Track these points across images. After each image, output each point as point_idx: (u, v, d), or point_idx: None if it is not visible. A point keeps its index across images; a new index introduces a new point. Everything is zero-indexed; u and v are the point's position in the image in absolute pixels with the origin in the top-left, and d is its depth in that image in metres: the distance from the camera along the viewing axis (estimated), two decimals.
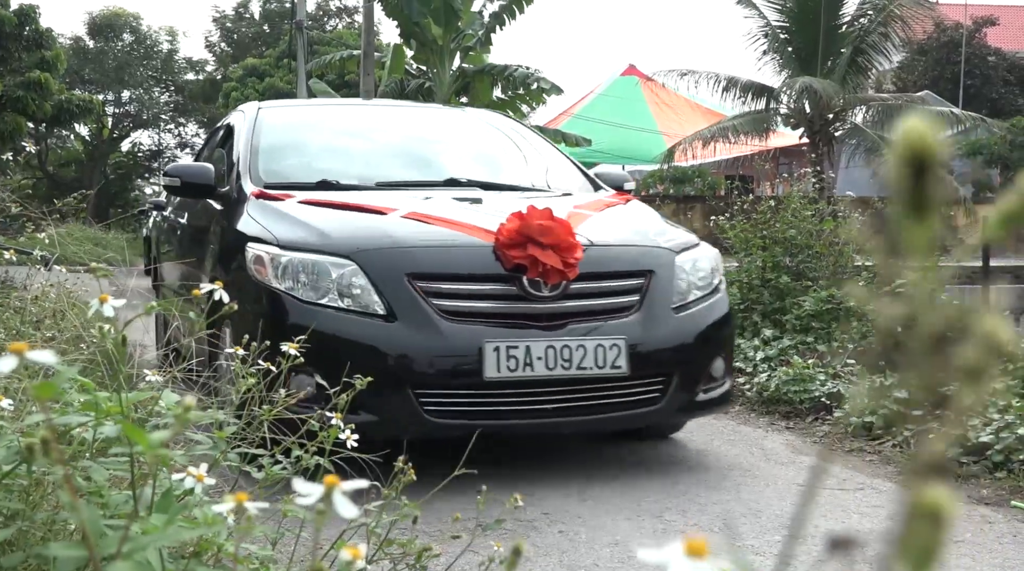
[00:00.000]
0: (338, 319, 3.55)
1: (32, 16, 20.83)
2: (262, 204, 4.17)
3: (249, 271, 3.78)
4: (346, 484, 0.72)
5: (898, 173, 0.26)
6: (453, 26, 14.91)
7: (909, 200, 0.26)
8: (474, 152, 5.36)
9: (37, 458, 0.73)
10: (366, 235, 3.79)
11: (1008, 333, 0.25)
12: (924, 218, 0.26)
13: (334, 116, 5.71)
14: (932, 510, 0.24)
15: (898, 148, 0.25)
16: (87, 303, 1.68)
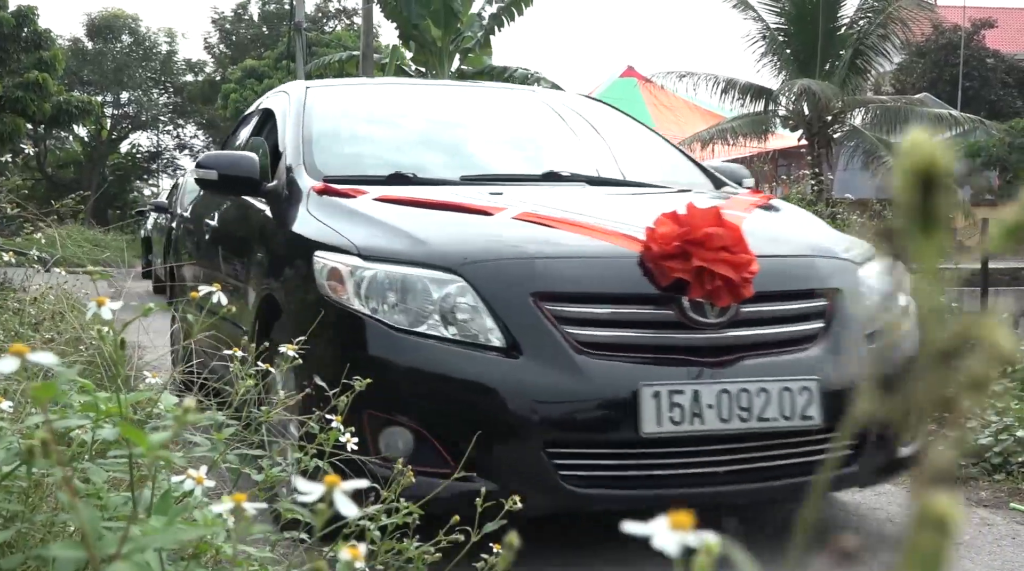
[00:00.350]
0: (442, 353, 2.71)
1: (31, 17, 20.83)
2: (328, 202, 3.31)
3: (319, 288, 2.94)
4: (346, 483, 0.72)
5: (905, 188, 0.26)
6: (452, 28, 14.93)
7: (917, 215, 0.26)
8: (569, 140, 4.37)
9: (37, 459, 0.73)
10: (476, 242, 2.91)
11: (1010, 341, 0.25)
12: (932, 233, 0.26)
13: (394, 97, 4.78)
14: (939, 518, 0.24)
15: (905, 163, 0.25)
16: (86, 305, 1.68)
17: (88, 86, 36.68)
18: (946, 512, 0.24)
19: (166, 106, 40.77)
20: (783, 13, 18.11)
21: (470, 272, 2.78)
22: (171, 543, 0.96)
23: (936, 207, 0.25)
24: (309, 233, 3.21)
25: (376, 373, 2.25)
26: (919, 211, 0.25)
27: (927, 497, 0.24)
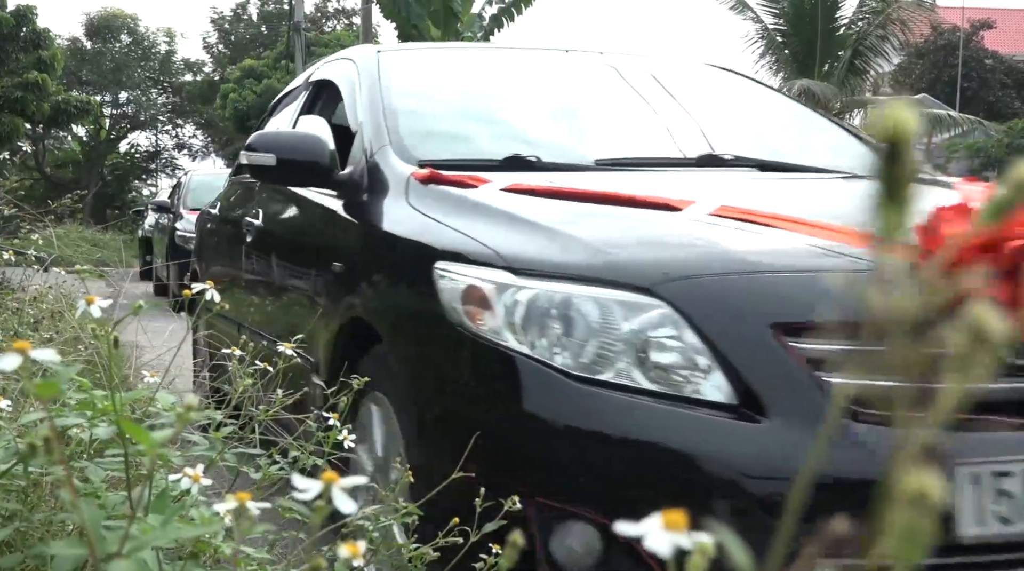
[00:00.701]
0: (640, 411, 1.84)
1: (30, 17, 20.83)
2: (440, 193, 2.53)
3: (447, 313, 2.11)
4: (344, 480, 0.72)
5: (874, 154, 0.26)
6: (452, 28, 14.92)
7: (884, 181, 0.26)
8: (720, 115, 3.57)
9: (39, 457, 0.73)
10: (674, 251, 2.05)
11: (997, 321, 0.25)
12: (900, 199, 0.26)
13: (482, 64, 3.82)
14: (919, 495, 0.24)
15: (874, 130, 0.26)
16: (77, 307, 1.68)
17: (87, 86, 36.68)
18: (926, 488, 0.24)
19: (165, 106, 40.76)
20: (782, 14, 18.12)
21: (675, 292, 1.89)
22: (171, 541, 0.96)
23: (903, 171, 0.26)
24: (420, 235, 2.41)
25: (542, 440, 1.73)
26: (886, 176, 0.25)
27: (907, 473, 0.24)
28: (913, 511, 0.24)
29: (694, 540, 0.52)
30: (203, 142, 41.94)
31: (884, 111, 0.26)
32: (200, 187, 10.63)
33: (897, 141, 0.25)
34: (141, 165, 41.58)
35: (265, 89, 30.33)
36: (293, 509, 1.37)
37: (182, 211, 10.40)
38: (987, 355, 0.24)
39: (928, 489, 0.25)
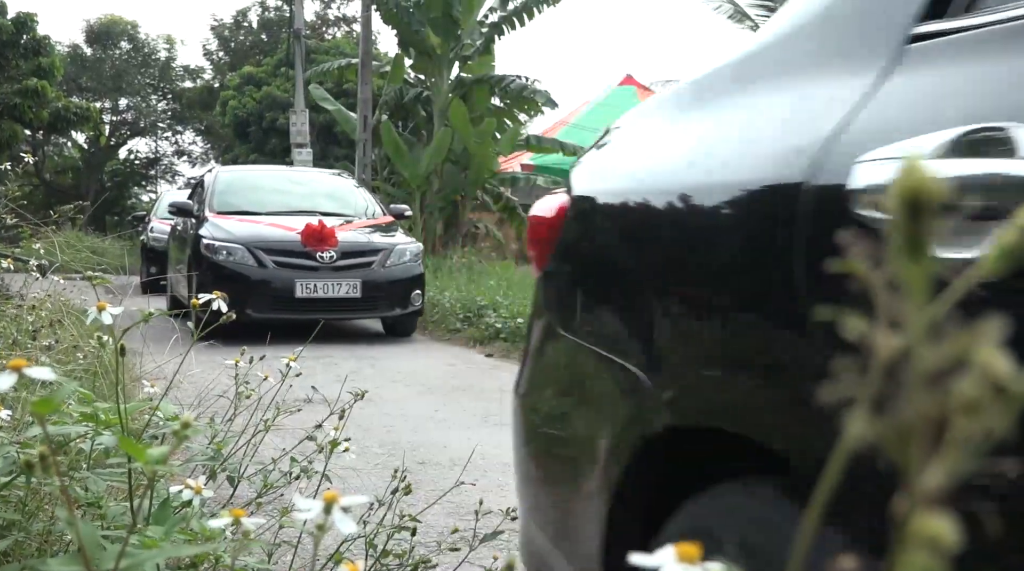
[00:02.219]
0: None
1: (30, 24, 20.86)
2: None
3: None
4: (345, 499, 0.72)
5: (895, 213, 0.26)
6: (452, 35, 14.95)
7: (907, 241, 0.26)
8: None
9: (36, 473, 0.73)
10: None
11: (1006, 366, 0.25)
12: (922, 260, 0.26)
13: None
14: (932, 539, 0.24)
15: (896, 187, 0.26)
16: (85, 312, 1.68)
17: (87, 92, 36.72)
18: (939, 533, 0.24)
19: (164, 112, 40.80)
20: None
21: None
22: (170, 557, 0.96)
23: (924, 233, 0.26)
24: None
25: None
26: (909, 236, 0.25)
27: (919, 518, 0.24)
28: (926, 556, 0.25)
29: None
30: (203, 149, 41.98)
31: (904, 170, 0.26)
32: (230, 189, 9.81)
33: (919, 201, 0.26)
34: (141, 171, 41.59)
35: (264, 96, 30.36)
36: (292, 523, 1.37)
37: (208, 215, 8.99)
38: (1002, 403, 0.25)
39: (942, 533, 0.25)
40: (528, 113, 16.14)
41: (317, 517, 0.70)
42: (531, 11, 14.90)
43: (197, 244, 8.74)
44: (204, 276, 8.06)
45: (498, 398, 5.68)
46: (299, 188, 10.23)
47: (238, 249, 8.42)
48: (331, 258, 8.50)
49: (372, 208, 10.09)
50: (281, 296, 8.36)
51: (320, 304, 8.42)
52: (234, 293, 6.05)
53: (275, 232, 8.72)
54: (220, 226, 8.84)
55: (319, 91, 16.21)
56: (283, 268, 8.46)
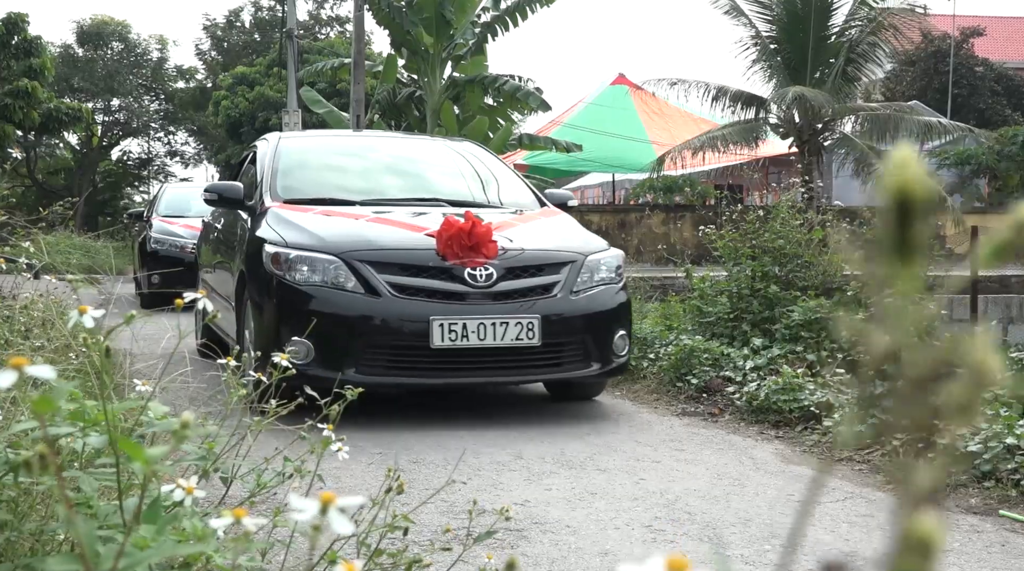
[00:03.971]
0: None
1: (21, 24, 20.79)
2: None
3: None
4: (341, 500, 0.71)
5: (885, 216, 0.26)
6: (445, 35, 14.93)
7: (895, 243, 0.26)
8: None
9: (35, 472, 0.73)
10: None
11: (996, 364, 0.25)
12: (910, 261, 0.26)
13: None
14: (923, 539, 0.24)
15: (885, 191, 0.26)
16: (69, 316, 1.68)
17: (79, 93, 36.60)
18: (930, 534, 0.24)
19: (157, 113, 40.69)
20: (775, 20, 18.18)
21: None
22: (166, 556, 0.96)
23: (913, 235, 0.26)
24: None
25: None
26: (898, 238, 0.26)
27: (910, 518, 0.24)
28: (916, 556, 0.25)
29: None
30: (195, 149, 41.88)
31: (893, 170, 0.26)
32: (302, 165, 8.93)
33: (907, 204, 0.26)
34: (133, 172, 41.48)
35: (257, 96, 30.31)
36: (285, 523, 1.37)
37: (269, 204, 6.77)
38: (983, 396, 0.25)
39: (931, 535, 0.25)
40: (521, 112, 16.13)
41: (313, 518, 0.70)
42: (524, 11, 14.89)
43: (256, 254, 5.28)
44: (273, 306, 5.06)
45: None
46: (408, 164, 6.77)
47: (330, 263, 5.00)
48: (489, 278, 5.00)
49: (523, 194, 6.41)
50: (407, 345, 4.94)
51: (471, 358, 4.99)
52: (326, 340, 4.81)
53: (390, 235, 5.28)
54: (295, 224, 5.35)
55: (310, 93, 16.18)
56: (408, 296, 4.97)
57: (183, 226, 12.46)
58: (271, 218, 5.42)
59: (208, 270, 7.33)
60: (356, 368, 4.81)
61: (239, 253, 5.71)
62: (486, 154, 6.92)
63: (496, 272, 5.03)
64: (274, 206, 5.62)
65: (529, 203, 6.22)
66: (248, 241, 5.51)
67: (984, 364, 0.24)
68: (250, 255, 5.36)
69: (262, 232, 5.32)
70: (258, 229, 5.41)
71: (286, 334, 4.78)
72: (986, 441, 4.02)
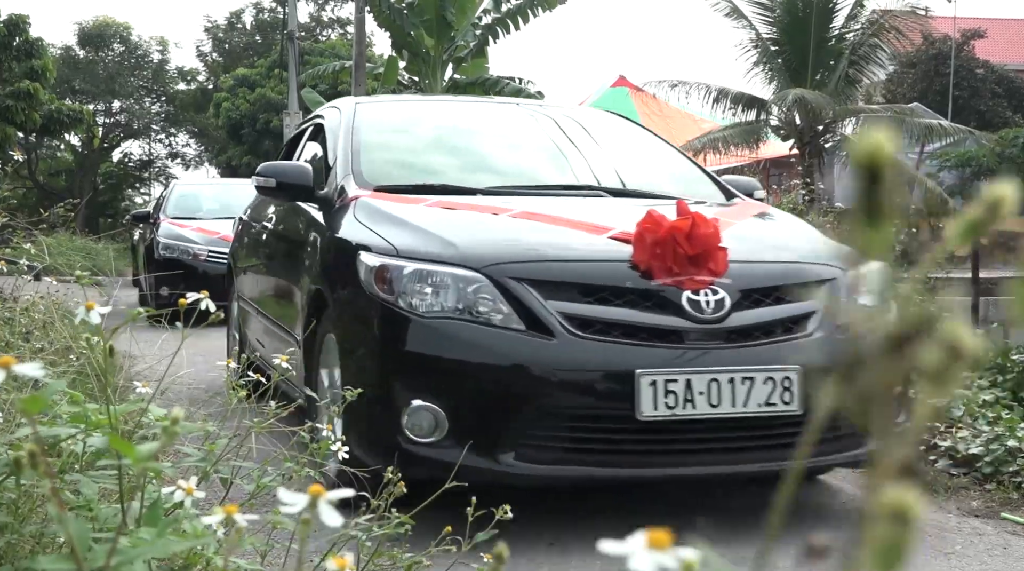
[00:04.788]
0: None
1: (22, 26, 20.80)
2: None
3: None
4: (331, 493, 0.71)
5: (854, 180, 0.26)
6: (446, 37, 14.94)
7: (864, 206, 0.26)
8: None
9: (25, 472, 0.73)
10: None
11: (971, 338, 0.25)
12: (879, 223, 0.26)
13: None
14: (898, 511, 0.24)
15: (854, 156, 0.26)
16: (76, 313, 1.68)
17: (80, 95, 36.63)
18: (905, 504, 0.24)
19: (158, 114, 40.72)
20: (776, 22, 18.18)
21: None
22: (160, 554, 0.96)
23: (881, 196, 0.26)
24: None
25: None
26: (866, 201, 0.26)
27: (886, 490, 0.24)
28: (892, 525, 0.25)
29: (679, 558, 0.51)
30: (196, 151, 41.91)
31: (862, 138, 0.26)
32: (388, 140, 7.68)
33: (874, 166, 0.26)
34: (134, 174, 41.51)
35: (258, 98, 30.31)
36: (283, 523, 1.36)
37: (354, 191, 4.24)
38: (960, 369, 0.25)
39: (907, 503, 0.25)
40: None
41: (303, 511, 0.70)
42: (526, 14, 14.89)
43: (344, 266, 3.55)
44: (377, 349, 3.29)
45: None
46: (536, 138, 4.63)
47: (470, 282, 3.22)
48: (719, 307, 3.19)
49: (700, 181, 4.65)
50: (598, 415, 3.15)
51: (699, 435, 3.18)
52: (468, 406, 3.06)
53: (558, 238, 3.49)
54: (402, 222, 3.57)
55: (312, 95, 16.19)
56: (597, 335, 3.14)
57: (196, 230, 11.00)
58: (362, 213, 3.61)
59: (251, 286, 5.45)
60: (516, 452, 3.03)
61: (310, 264, 3.93)
62: (634, 127, 5.28)
63: (729, 297, 3.16)
64: (363, 195, 3.76)
65: (712, 194, 4.38)
66: (327, 246, 3.76)
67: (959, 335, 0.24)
68: (332, 268, 3.64)
69: (350, 233, 3.55)
70: (342, 228, 3.65)
71: (401, 394, 3.09)
72: (988, 444, 4.01)
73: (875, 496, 0.25)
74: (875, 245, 0.26)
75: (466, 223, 3.57)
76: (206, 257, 10.42)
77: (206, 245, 10.52)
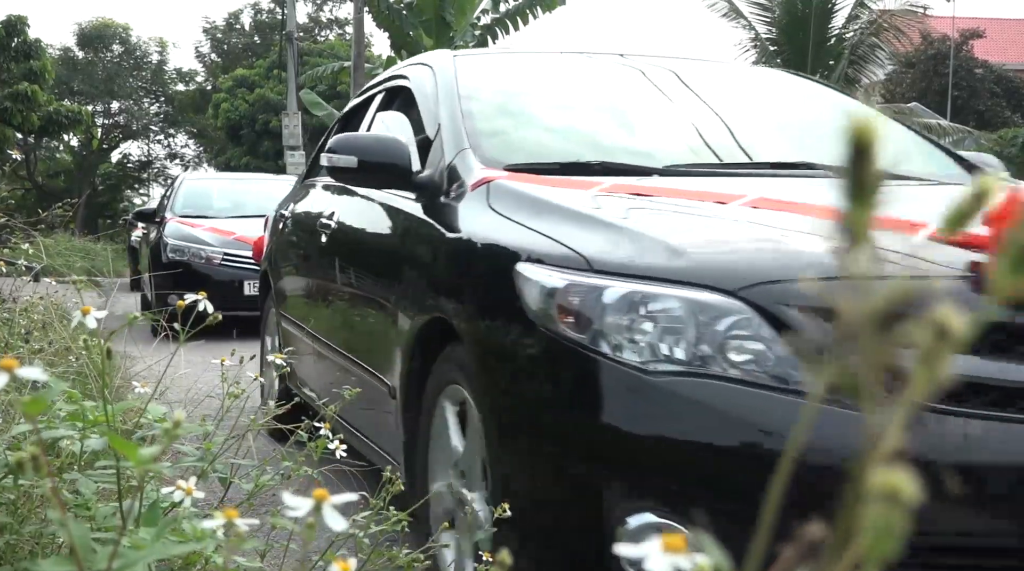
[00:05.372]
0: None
1: (20, 27, 20.81)
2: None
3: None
4: (335, 497, 0.72)
5: (842, 159, 0.27)
6: (445, 37, 14.95)
7: (850, 183, 0.27)
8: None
9: (27, 473, 0.73)
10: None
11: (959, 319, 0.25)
12: (865, 200, 0.27)
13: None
14: (891, 492, 0.25)
15: (844, 133, 0.27)
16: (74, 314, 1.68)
17: (79, 96, 36.63)
18: (898, 485, 0.25)
19: (157, 115, 40.73)
20: (774, 22, 18.20)
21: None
22: (161, 557, 0.96)
23: (867, 173, 0.26)
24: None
25: None
26: (852, 178, 0.26)
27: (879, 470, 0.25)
28: (886, 507, 0.25)
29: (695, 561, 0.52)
30: (195, 152, 41.92)
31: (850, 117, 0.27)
32: None
33: (862, 145, 0.26)
34: (133, 175, 41.51)
35: (257, 98, 30.32)
36: (284, 526, 1.37)
37: None
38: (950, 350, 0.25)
39: (901, 485, 0.25)
40: None
41: (307, 515, 0.70)
42: (525, 15, 14.89)
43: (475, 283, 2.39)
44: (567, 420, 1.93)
45: None
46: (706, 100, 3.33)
47: (725, 314, 1.82)
48: None
49: (934, 156, 3.47)
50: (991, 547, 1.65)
51: None
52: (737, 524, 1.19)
53: None
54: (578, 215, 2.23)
55: (310, 96, 16.20)
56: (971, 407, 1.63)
57: (208, 230, 9.42)
58: (503, 202, 2.45)
59: (299, 301, 4.19)
60: None
61: (415, 278, 2.73)
62: (824, 89, 4.03)
63: None
64: (496, 177, 2.60)
65: (956, 173, 3.20)
66: (451, 252, 2.56)
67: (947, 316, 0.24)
68: (463, 287, 2.44)
69: (493, 232, 2.38)
70: (472, 225, 2.50)
71: (615, 500, 1.89)
72: None
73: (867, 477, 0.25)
74: (860, 222, 0.27)
75: (687, 219, 2.29)
76: (220, 261, 9.09)
77: (220, 247, 9.14)
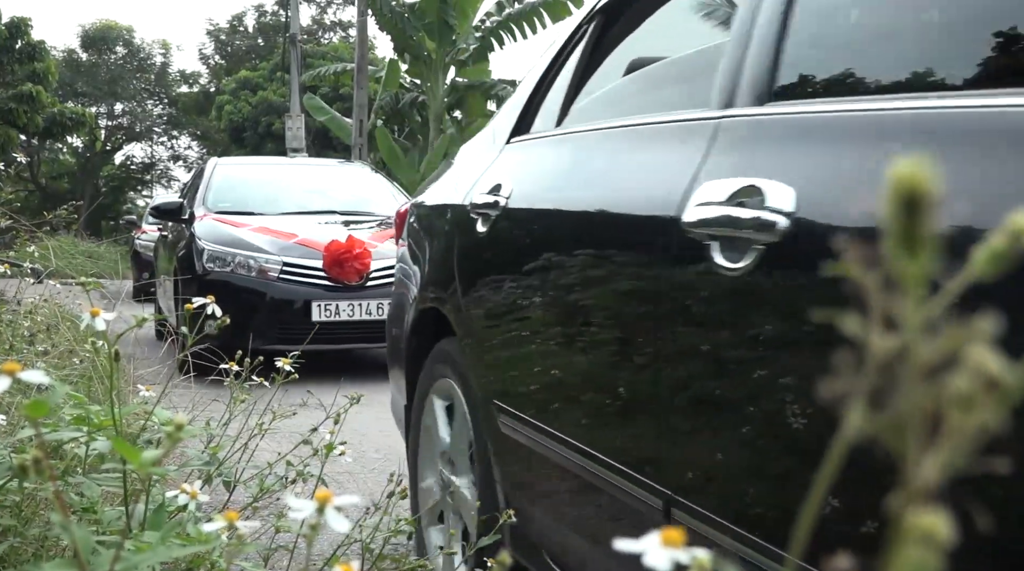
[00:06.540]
0: None
1: (24, 29, 20.85)
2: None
3: None
4: (339, 499, 0.71)
5: (890, 210, 0.26)
6: (447, 40, 14.96)
7: (902, 238, 0.26)
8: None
9: (30, 476, 0.73)
10: None
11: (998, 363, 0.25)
12: (919, 256, 0.26)
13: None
14: (927, 534, 0.25)
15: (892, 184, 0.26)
16: (79, 317, 1.68)
17: (82, 97, 36.69)
18: (934, 528, 0.24)
19: (160, 117, 40.78)
20: None
21: None
22: (164, 559, 0.96)
23: (921, 229, 0.26)
24: None
25: None
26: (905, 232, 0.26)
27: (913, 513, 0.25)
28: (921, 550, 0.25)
29: (692, 555, 0.53)
30: (199, 153, 41.97)
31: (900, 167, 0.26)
32: None
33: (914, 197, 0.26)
34: (136, 176, 41.57)
35: (260, 101, 30.35)
36: (288, 527, 1.37)
37: None
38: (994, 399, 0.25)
39: (936, 528, 0.25)
40: None
41: (310, 517, 0.70)
42: (533, 23, 14.86)
43: None
44: None
45: None
46: None
47: None
48: None
49: None
50: None
51: None
52: None
53: None
54: None
55: (313, 100, 16.21)
56: None
57: (259, 231, 6.81)
58: None
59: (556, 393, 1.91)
60: None
61: None
62: None
63: None
64: None
65: None
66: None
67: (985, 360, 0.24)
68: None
69: None
70: None
71: None
72: None
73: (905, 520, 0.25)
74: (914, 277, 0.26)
75: None
76: (279, 275, 6.44)
77: (278, 254, 6.52)
